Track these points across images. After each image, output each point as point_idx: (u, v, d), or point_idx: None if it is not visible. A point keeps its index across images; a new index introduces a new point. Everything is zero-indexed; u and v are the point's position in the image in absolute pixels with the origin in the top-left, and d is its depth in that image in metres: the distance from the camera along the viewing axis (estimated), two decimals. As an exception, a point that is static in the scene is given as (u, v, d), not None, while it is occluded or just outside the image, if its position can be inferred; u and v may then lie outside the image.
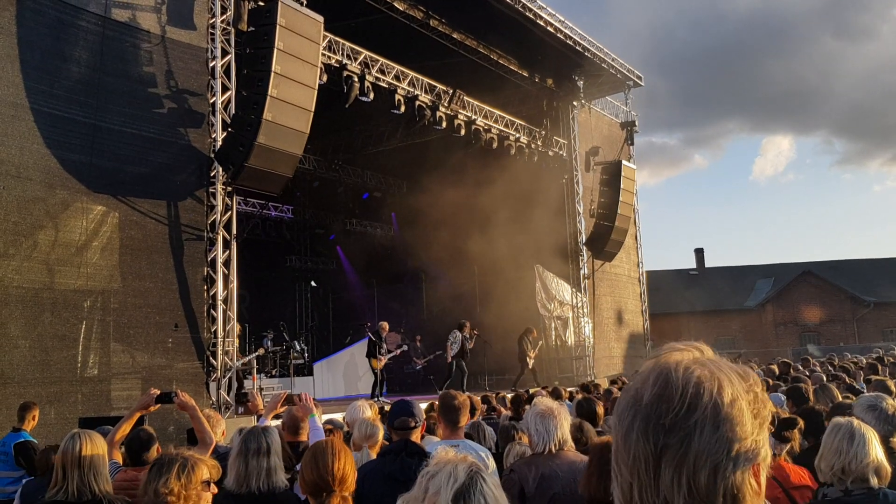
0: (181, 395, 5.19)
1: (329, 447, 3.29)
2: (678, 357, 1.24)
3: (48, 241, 10.04)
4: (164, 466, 3.22)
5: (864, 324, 42.89)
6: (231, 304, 12.14)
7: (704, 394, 1.16)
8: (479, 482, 1.76)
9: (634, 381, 1.26)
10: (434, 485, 1.74)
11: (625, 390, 1.27)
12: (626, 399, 1.23)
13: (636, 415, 1.19)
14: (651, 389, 1.19)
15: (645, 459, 1.16)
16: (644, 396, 1.20)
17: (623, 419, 1.21)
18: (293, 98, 11.67)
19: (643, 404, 1.19)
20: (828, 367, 15.95)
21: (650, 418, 1.17)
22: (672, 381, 1.18)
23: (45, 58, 10.27)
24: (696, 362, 1.22)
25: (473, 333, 17.97)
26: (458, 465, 1.78)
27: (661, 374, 1.20)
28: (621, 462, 1.20)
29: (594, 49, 20.68)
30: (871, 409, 4.41)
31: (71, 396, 9.98)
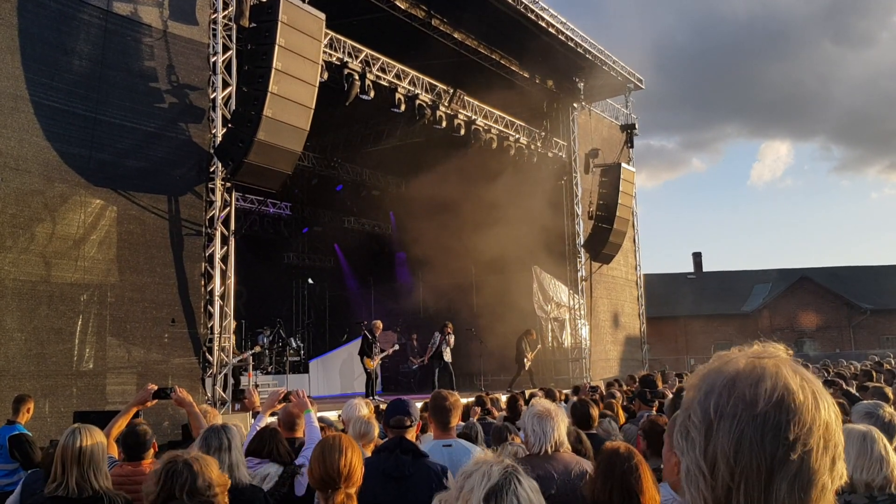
0: (178, 390, 5.20)
1: (337, 443, 3.32)
2: (779, 363, 1.22)
3: (45, 233, 10.03)
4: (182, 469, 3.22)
5: (860, 331, 42.96)
6: (228, 300, 12.13)
7: (822, 412, 1.16)
8: (514, 483, 1.78)
9: (727, 377, 1.21)
10: (469, 484, 1.78)
11: (722, 386, 1.20)
12: (733, 399, 1.18)
13: (752, 420, 1.15)
14: (767, 396, 1.16)
15: (757, 469, 1.13)
16: (759, 401, 1.16)
17: (728, 418, 1.16)
18: (294, 95, 11.67)
19: (759, 410, 1.15)
20: (823, 373, 15.97)
21: (769, 427, 1.14)
22: (793, 393, 1.16)
23: (46, 50, 10.25)
24: (800, 374, 1.20)
25: (448, 332, 18.00)
26: (493, 466, 1.82)
27: (779, 383, 1.17)
28: (721, 462, 1.15)
29: (595, 51, 20.69)
30: (869, 416, 4.41)
31: (66, 390, 9.97)
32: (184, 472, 3.20)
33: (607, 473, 3.28)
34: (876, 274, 45.66)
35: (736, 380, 1.19)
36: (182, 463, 3.24)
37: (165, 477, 3.20)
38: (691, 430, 1.20)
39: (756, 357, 1.23)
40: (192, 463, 3.26)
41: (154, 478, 3.25)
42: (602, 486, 3.26)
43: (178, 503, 3.17)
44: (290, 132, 11.78)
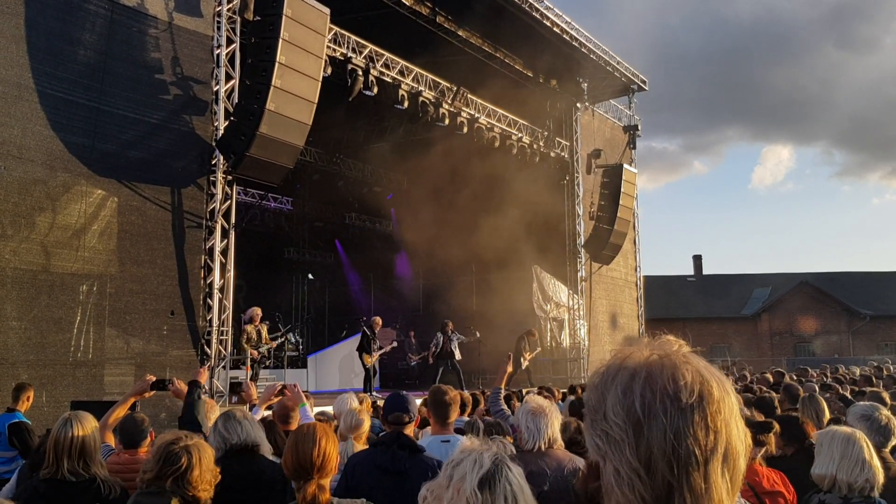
0: (176, 382, 5.21)
1: (310, 433, 3.29)
2: (684, 355, 1.24)
3: (47, 223, 10.04)
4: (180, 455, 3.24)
5: (859, 336, 42.95)
6: (227, 293, 12.14)
7: (730, 393, 1.23)
8: (505, 469, 1.79)
9: (638, 373, 1.21)
10: (459, 472, 1.78)
11: (641, 384, 1.19)
12: (658, 395, 1.18)
13: (681, 414, 1.17)
14: (689, 389, 1.18)
15: (696, 459, 1.17)
16: (682, 395, 1.18)
17: (658, 415, 1.16)
18: (297, 89, 11.68)
19: (685, 404, 1.17)
20: (822, 377, 15.99)
21: (699, 418, 1.18)
22: (707, 383, 1.21)
23: (51, 40, 10.26)
24: (701, 363, 1.25)
25: (452, 330, 17.99)
26: (483, 453, 1.82)
27: (694, 375, 1.20)
28: (660, 460, 1.16)
29: (600, 52, 20.69)
30: (865, 418, 4.43)
31: (64, 379, 9.99)
32: (180, 459, 3.21)
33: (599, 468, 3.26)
34: (876, 280, 45.65)
35: (651, 375, 1.19)
36: (182, 449, 3.25)
37: (163, 459, 3.22)
38: (612, 432, 1.19)
39: (658, 350, 1.24)
40: (192, 451, 3.27)
41: (155, 454, 3.27)
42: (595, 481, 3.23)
43: (161, 482, 3.18)
44: (292, 126, 11.78)
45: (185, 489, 3.17)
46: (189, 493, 3.19)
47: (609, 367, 1.26)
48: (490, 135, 18.80)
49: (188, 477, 3.19)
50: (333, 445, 3.31)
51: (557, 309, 22.13)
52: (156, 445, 3.38)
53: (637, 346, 1.27)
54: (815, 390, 10.44)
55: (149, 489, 3.21)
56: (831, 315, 43.77)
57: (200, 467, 3.24)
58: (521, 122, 20.25)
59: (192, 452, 3.25)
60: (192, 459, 3.23)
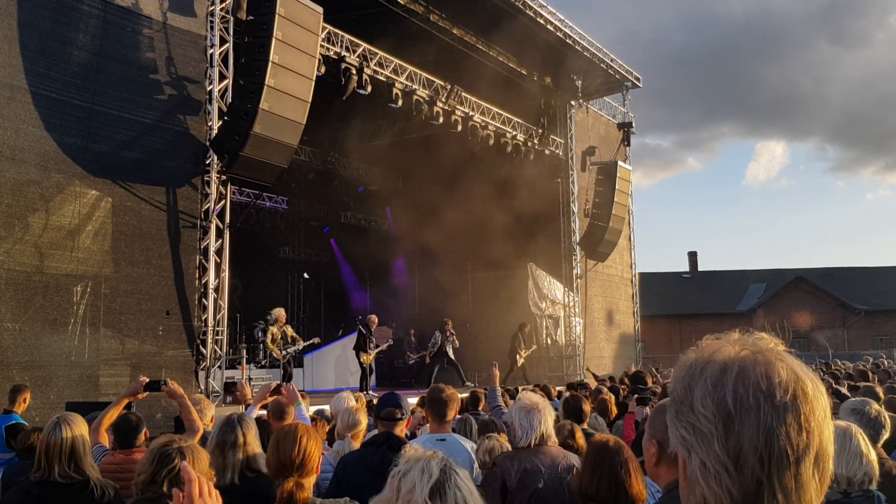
0: (170, 383, 5.19)
1: (291, 432, 3.28)
2: (777, 352, 1.24)
3: (41, 224, 10.02)
4: (174, 456, 3.22)
5: (854, 331, 43.08)
6: (222, 292, 12.15)
7: (823, 395, 1.22)
8: (453, 475, 1.76)
9: (729, 367, 1.20)
10: (407, 483, 1.73)
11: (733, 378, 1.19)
12: (752, 390, 1.17)
13: (775, 410, 1.16)
14: (783, 386, 1.18)
15: (787, 457, 1.16)
16: (776, 392, 1.17)
17: (751, 411, 1.16)
18: (290, 88, 11.67)
19: (779, 401, 1.17)
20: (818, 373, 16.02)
21: (792, 417, 1.17)
22: (802, 381, 1.20)
23: (44, 40, 10.24)
24: (794, 360, 1.25)
25: (450, 331, 18.05)
26: (430, 461, 1.78)
27: (789, 372, 1.20)
28: (751, 455, 1.15)
29: (593, 49, 20.69)
30: (855, 412, 4.45)
31: (59, 381, 9.97)
32: (174, 460, 3.21)
33: (595, 466, 3.30)
34: (870, 275, 45.79)
35: (745, 370, 1.19)
36: (176, 450, 3.25)
37: (157, 460, 3.22)
38: (700, 424, 1.18)
39: (751, 346, 1.24)
40: (186, 452, 3.26)
41: (148, 458, 3.27)
42: (590, 478, 3.27)
43: (157, 487, 3.18)
44: (286, 126, 11.78)
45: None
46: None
47: (696, 360, 1.24)
48: (484, 133, 18.80)
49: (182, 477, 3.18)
50: (315, 445, 3.29)
51: (553, 306, 22.17)
52: (150, 448, 3.38)
53: (726, 340, 1.26)
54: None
55: (145, 495, 3.19)
56: (826, 310, 43.89)
57: (195, 468, 3.24)
58: (515, 120, 20.26)
59: (186, 453, 3.25)
60: (186, 460, 3.23)
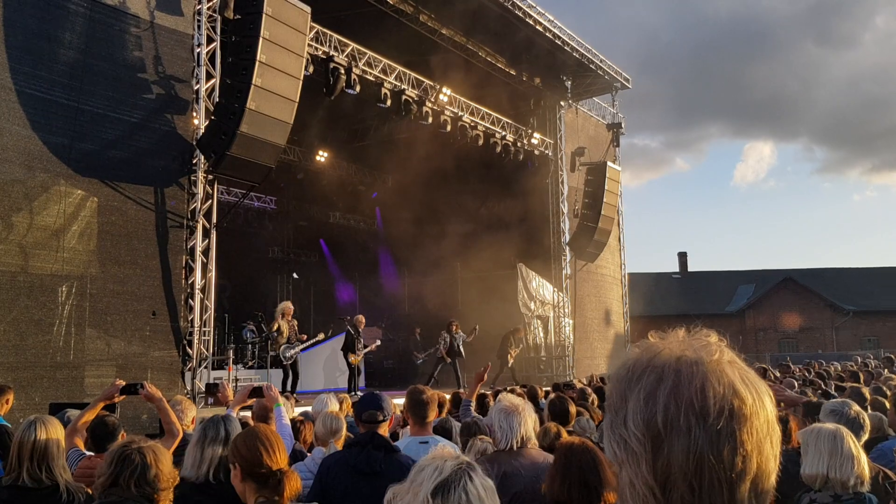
0: (147, 386, 5.09)
1: (249, 437, 3.24)
2: (719, 360, 1.12)
3: (25, 224, 9.95)
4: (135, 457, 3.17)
5: (842, 332, 43.27)
6: (209, 293, 12.09)
7: (767, 408, 1.11)
8: (465, 479, 1.76)
9: (664, 378, 1.10)
10: (420, 477, 1.76)
11: (666, 393, 1.09)
12: (683, 410, 1.07)
13: (706, 434, 1.06)
14: (718, 405, 1.07)
15: (719, 482, 1.06)
16: (710, 412, 1.07)
17: (681, 433, 1.06)
18: (278, 88, 11.63)
19: (711, 422, 1.06)
20: (804, 373, 16.08)
21: (723, 439, 1.06)
22: (742, 397, 1.09)
23: (29, 39, 10.17)
24: (739, 370, 1.14)
25: (457, 330, 17.98)
26: (447, 461, 1.80)
27: (727, 388, 1.09)
28: (679, 479, 1.06)
29: (583, 50, 20.70)
30: (834, 413, 4.47)
31: (44, 381, 9.90)
32: (135, 460, 3.15)
33: (565, 471, 3.16)
34: (858, 276, 46.03)
35: (679, 385, 1.08)
36: (135, 450, 3.20)
37: (117, 461, 3.16)
38: (631, 442, 1.09)
39: (690, 352, 1.12)
40: (146, 452, 3.20)
41: (107, 459, 3.21)
42: (560, 484, 3.13)
43: (121, 490, 3.13)
44: (273, 125, 11.73)
45: (143, 488, 3.11)
46: (148, 492, 3.12)
47: (636, 363, 1.14)
48: (474, 132, 18.78)
49: (147, 476, 3.13)
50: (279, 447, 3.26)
51: (543, 307, 22.17)
52: (109, 450, 3.32)
53: (669, 341, 1.15)
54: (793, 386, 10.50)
55: (108, 498, 3.12)
56: (815, 311, 44.08)
57: (157, 467, 3.18)
58: (504, 121, 20.25)
59: (147, 453, 3.19)
60: (147, 459, 3.16)
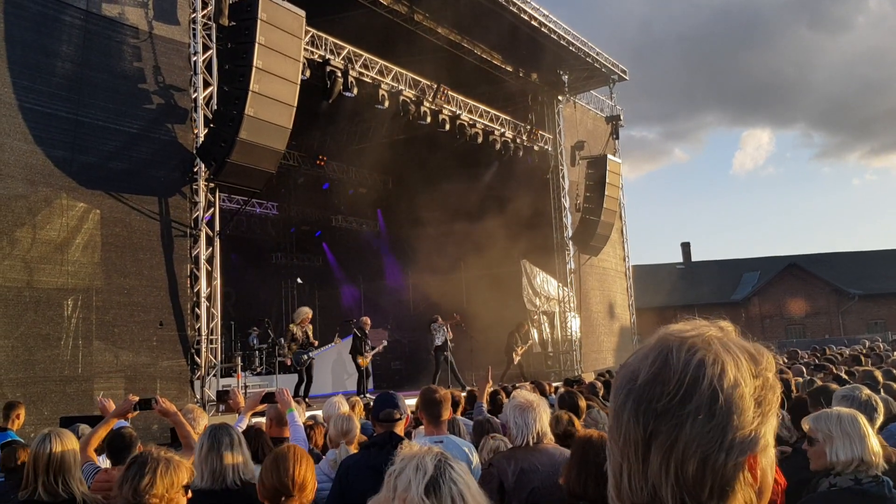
0: (161, 401, 5.06)
1: (290, 453, 3.21)
2: (684, 334, 1.15)
3: (29, 238, 9.94)
4: (146, 465, 3.13)
5: (849, 316, 43.24)
6: (215, 301, 12.09)
7: (703, 379, 1.09)
8: (448, 470, 1.73)
9: (635, 356, 1.17)
10: (402, 482, 1.71)
11: (623, 366, 1.18)
12: (623, 376, 1.16)
13: (629, 394, 1.12)
14: (648, 368, 1.12)
15: (635, 442, 1.10)
16: (640, 375, 1.12)
17: (617, 397, 1.15)
18: (275, 93, 11.62)
19: (638, 384, 1.12)
20: (814, 358, 16.06)
21: (643, 400, 1.10)
22: (671, 362, 1.11)
23: (27, 53, 10.16)
24: (701, 341, 1.13)
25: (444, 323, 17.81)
26: (424, 457, 1.75)
27: (661, 353, 1.12)
28: (613, 441, 1.14)
29: (579, 43, 20.68)
30: (846, 399, 4.47)
31: (54, 396, 9.90)
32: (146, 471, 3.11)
33: (582, 463, 3.20)
34: (863, 259, 45.95)
35: (634, 358, 1.17)
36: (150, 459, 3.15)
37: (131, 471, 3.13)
38: (610, 414, 1.21)
39: (666, 332, 1.18)
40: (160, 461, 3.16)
41: (124, 471, 3.18)
42: (577, 477, 3.17)
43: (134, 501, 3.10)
44: (272, 131, 11.73)
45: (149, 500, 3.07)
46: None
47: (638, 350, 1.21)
48: (473, 131, 18.77)
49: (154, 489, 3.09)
50: (311, 467, 3.23)
51: (548, 302, 22.15)
52: (126, 462, 3.29)
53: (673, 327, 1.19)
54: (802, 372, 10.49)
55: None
56: (820, 296, 44.05)
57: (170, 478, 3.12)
58: (503, 118, 20.23)
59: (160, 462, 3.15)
60: (160, 470, 3.12)
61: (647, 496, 1.09)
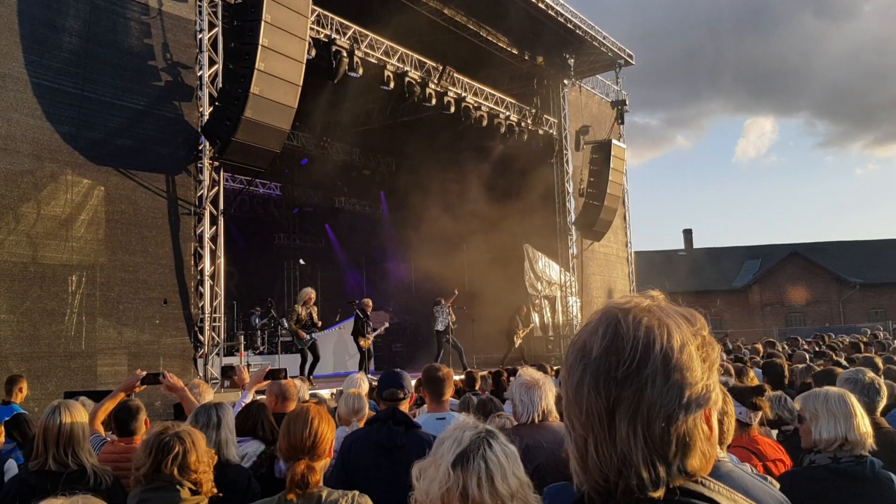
0: (168, 376, 5.11)
1: (302, 414, 3.24)
2: (626, 305, 1.21)
3: (34, 214, 9.96)
4: (174, 443, 3.19)
5: (849, 305, 43.28)
6: (218, 279, 12.12)
7: (655, 343, 1.15)
8: (484, 447, 1.76)
9: (582, 331, 1.23)
10: (441, 449, 1.78)
11: (572, 342, 1.23)
12: (575, 351, 1.20)
13: (586, 368, 1.17)
14: (601, 341, 1.17)
15: (598, 413, 1.14)
16: (593, 348, 1.17)
17: (573, 372, 1.19)
18: (281, 72, 11.59)
19: (593, 357, 1.16)
20: (814, 346, 16.09)
21: (600, 371, 1.15)
22: (622, 332, 1.16)
23: (35, 27, 10.13)
24: (643, 310, 1.20)
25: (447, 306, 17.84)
26: (466, 431, 1.81)
27: (611, 324, 1.18)
28: (573, 417, 1.18)
29: (585, 27, 20.58)
30: (849, 381, 4.50)
31: (58, 371, 9.95)
32: (174, 446, 3.17)
33: None
34: (864, 249, 45.95)
35: (582, 333, 1.22)
36: (174, 436, 3.22)
37: (156, 450, 3.18)
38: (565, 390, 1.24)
39: (609, 304, 1.23)
40: (184, 437, 3.23)
41: (145, 449, 3.23)
42: None
43: (165, 477, 3.14)
44: (277, 110, 11.70)
45: (188, 474, 3.13)
46: (192, 478, 3.15)
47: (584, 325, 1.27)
48: (478, 114, 18.73)
49: (187, 461, 3.16)
50: (328, 427, 3.26)
51: (549, 287, 22.18)
52: (144, 440, 3.34)
53: None
54: (805, 358, 10.51)
55: (152, 484, 3.13)
56: (822, 284, 44.07)
57: (196, 451, 3.21)
58: (508, 101, 20.18)
59: (185, 438, 3.21)
60: (187, 444, 3.20)
61: (617, 462, 1.13)
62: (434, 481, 1.74)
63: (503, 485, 1.76)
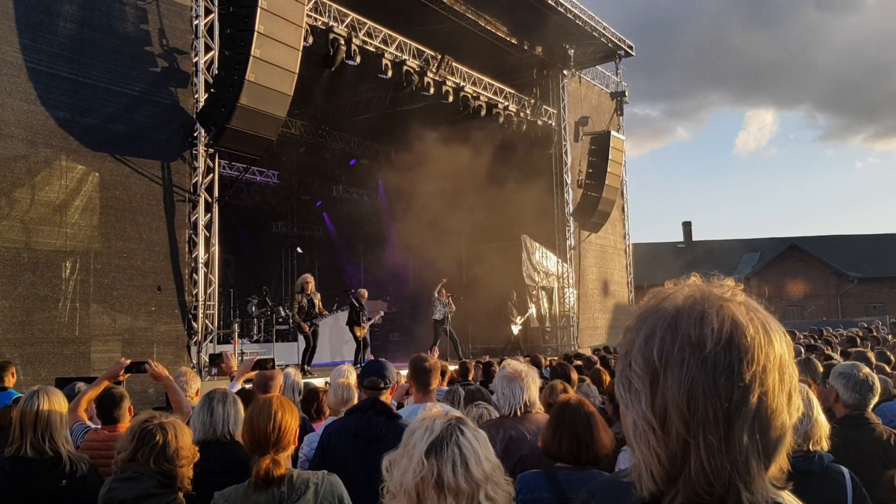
0: (153, 364, 5.08)
1: (265, 408, 3.20)
2: (726, 294, 1.11)
3: (27, 199, 9.93)
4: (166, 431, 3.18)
5: (847, 299, 43.28)
6: (212, 267, 12.10)
7: (775, 344, 1.07)
8: (456, 434, 1.77)
9: (668, 316, 1.09)
10: (413, 440, 1.79)
11: (664, 329, 1.08)
12: (679, 342, 1.06)
13: (701, 364, 1.03)
14: (715, 335, 1.04)
15: (714, 417, 1.02)
16: (706, 342, 1.04)
17: (680, 368, 1.04)
18: (277, 59, 11.54)
19: (708, 352, 1.04)
20: (810, 340, 16.10)
21: (720, 370, 1.03)
22: (742, 328, 1.05)
23: (30, 11, 10.08)
24: (743, 302, 1.10)
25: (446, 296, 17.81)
26: (436, 420, 1.83)
27: (726, 319, 1.06)
28: (675, 417, 1.04)
29: (585, 17, 20.51)
30: (843, 376, 4.46)
31: (51, 357, 9.94)
32: (155, 436, 3.16)
33: (557, 424, 3.28)
34: (863, 243, 45.94)
35: (678, 319, 1.07)
36: (157, 426, 3.20)
37: (137, 437, 3.16)
38: (634, 381, 1.08)
39: (698, 292, 1.11)
40: (167, 428, 3.21)
41: (128, 435, 3.21)
42: (552, 437, 3.26)
43: (138, 466, 3.13)
44: (273, 97, 11.66)
45: (161, 465, 3.12)
46: (167, 469, 3.13)
47: (646, 308, 1.13)
48: (476, 103, 18.67)
49: (166, 453, 3.13)
50: (291, 417, 3.23)
51: (547, 278, 22.17)
52: (130, 426, 3.33)
53: (680, 286, 1.15)
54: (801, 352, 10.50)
55: (124, 474, 3.12)
56: (820, 278, 44.07)
57: (177, 443, 3.19)
58: (507, 90, 20.12)
59: (168, 429, 3.19)
60: (168, 436, 3.17)
61: (728, 472, 1.03)
62: (407, 471, 1.75)
63: (477, 469, 1.77)
